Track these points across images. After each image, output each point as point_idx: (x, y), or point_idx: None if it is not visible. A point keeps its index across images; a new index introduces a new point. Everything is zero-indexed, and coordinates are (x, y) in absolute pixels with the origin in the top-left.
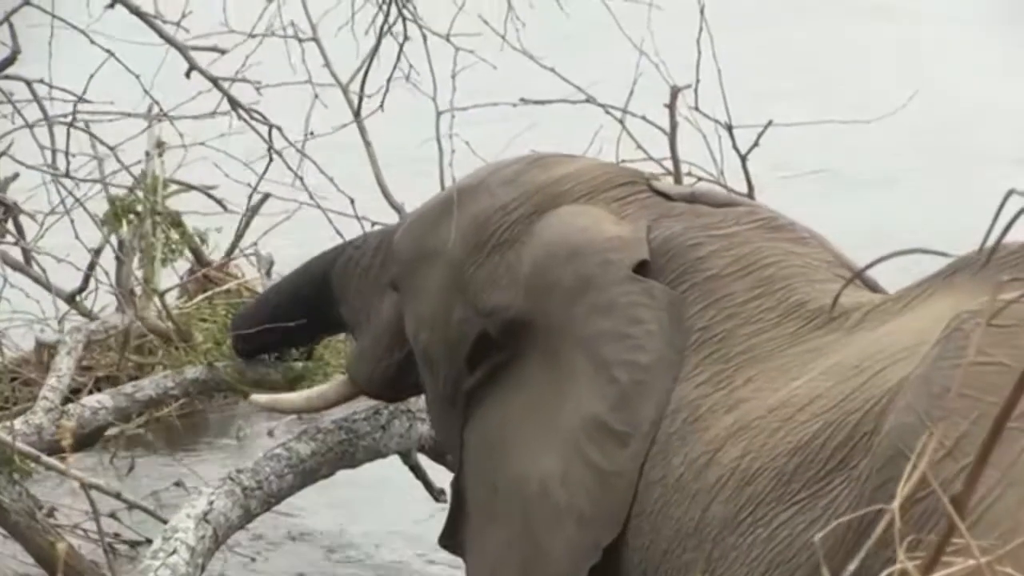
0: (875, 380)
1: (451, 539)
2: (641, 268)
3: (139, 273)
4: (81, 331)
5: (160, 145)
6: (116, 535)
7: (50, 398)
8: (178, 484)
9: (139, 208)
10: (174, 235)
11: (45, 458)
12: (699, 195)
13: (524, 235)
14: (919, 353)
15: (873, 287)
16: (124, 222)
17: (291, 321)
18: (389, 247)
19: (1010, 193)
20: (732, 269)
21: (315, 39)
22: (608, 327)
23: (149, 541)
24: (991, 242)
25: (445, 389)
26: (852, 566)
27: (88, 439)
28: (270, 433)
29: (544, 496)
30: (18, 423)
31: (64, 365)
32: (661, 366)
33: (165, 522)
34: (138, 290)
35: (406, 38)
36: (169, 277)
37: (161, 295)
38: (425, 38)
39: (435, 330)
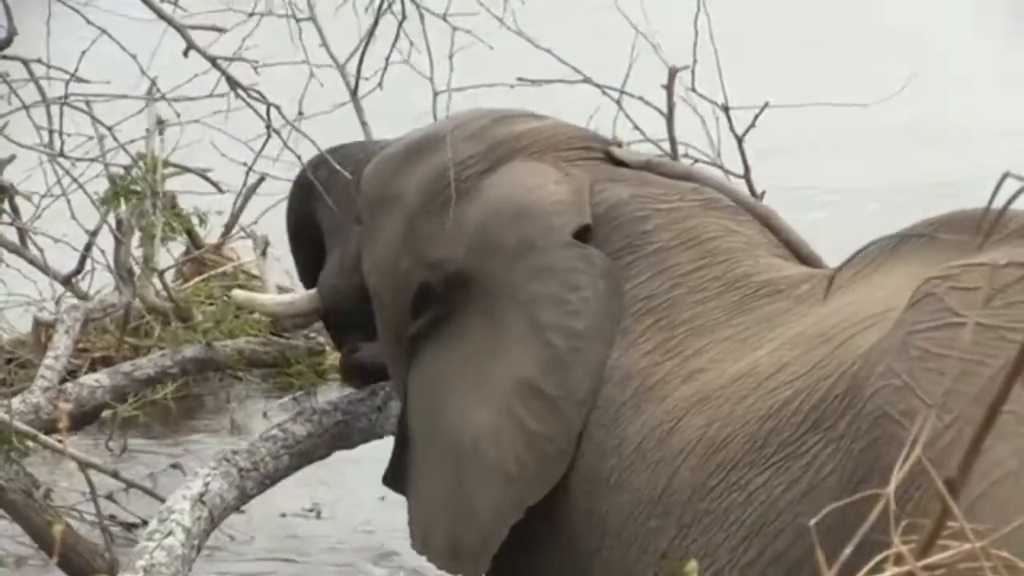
0: (845, 347)
1: (395, 477)
2: (583, 232)
3: (138, 252)
4: (79, 309)
5: (160, 123)
6: (112, 517)
7: (48, 377)
8: (175, 466)
9: (139, 187)
10: (172, 214)
11: (42, 437)
12: (655, 165)
13: (474, 190)
14: (887, 320)
15: (816, 261)
16: (124, 201)
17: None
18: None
19: (1005, 176)
20: (677, 242)
21: (312, 18)
22: (546, 291)
23: (145, 522)
24: (986, 222)
25: (390, 331)
26: (847, 551)
27: (86, 418)
28: (265, 414)
29: (475, 452)
30: (15, 402)
31: (62, 344)
32: (596, 333)
33: (162, 501)
34: (136, 270)
35: (404, 17)
36: (165, 260)
37: (161, 273)
38: (422, 16)
39: (384, 274)
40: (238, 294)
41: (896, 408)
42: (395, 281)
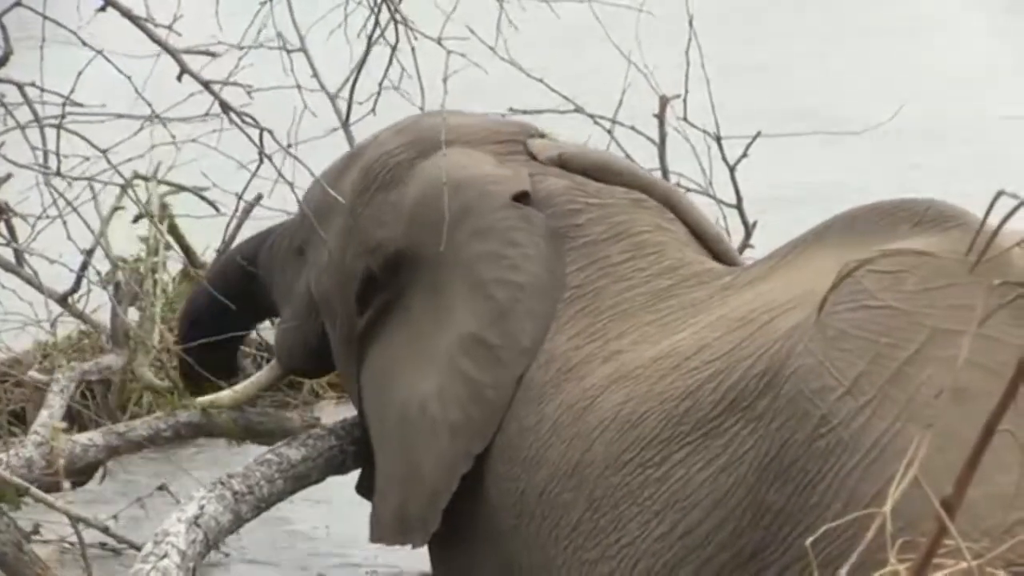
0: (765, 330)
1: (363, 484)
2: (522, 198)
3: (135, 318)
4: (75, 371)
5: (164, 208)
6: (102, 544)
7: (41, 433)
8: (161, 488)
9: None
10: (171, 291)
11: (34, 490)
12: (566, 158)
13: (407, 176)
14: (807, 302)
15: (730, 257)
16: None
17: (224, 311)
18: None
19: (999, 194)
20: (608, 235)
21: (303, 50)
22: (485, 249)
23: (137, 548)
24: (981, 239)
25: (342, 332)
26: (843, 571)
27: (78, 475)
28: None
29: (422, 415)
30: (8, 456)
31: (56, 403)
32: (537, 287)
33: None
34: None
35: (397, 41)
36: (162, 280)
37: (161, 352)
38: (414, 43)
39: (331, 274)
40: (201, 400)
41: (809, 387)
42: (342, 275)
